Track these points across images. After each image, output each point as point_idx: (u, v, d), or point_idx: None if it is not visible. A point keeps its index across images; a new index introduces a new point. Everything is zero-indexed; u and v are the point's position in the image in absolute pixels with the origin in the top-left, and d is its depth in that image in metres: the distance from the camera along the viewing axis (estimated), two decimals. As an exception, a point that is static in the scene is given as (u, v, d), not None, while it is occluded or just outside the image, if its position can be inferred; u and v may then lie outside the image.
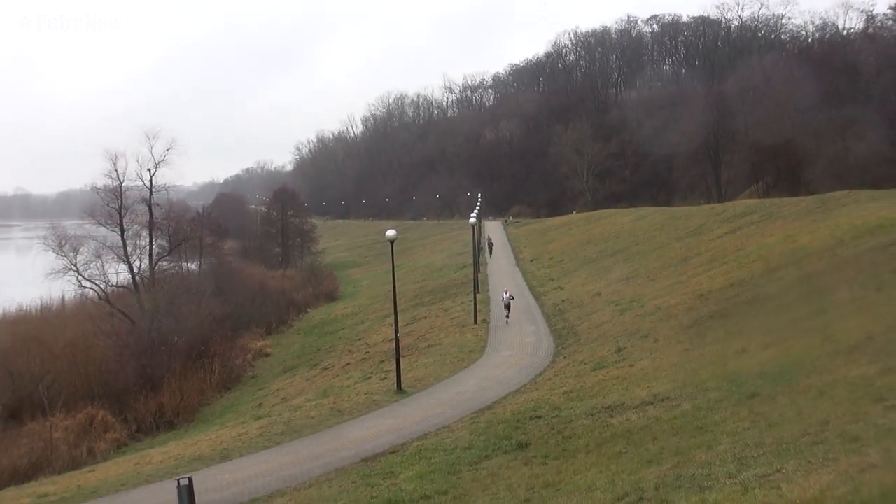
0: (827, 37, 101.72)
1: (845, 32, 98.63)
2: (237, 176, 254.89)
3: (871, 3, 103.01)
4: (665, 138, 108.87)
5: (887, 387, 14.77)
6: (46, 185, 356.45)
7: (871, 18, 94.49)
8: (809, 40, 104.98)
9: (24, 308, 63.46)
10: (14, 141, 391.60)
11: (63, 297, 64.33)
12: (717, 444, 14.97)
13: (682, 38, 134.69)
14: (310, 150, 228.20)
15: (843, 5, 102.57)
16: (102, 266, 58.48)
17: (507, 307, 43.73)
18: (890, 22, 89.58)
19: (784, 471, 11.06)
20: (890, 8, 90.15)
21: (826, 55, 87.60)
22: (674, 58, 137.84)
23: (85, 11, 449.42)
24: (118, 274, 59.88)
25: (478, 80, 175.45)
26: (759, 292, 32.09)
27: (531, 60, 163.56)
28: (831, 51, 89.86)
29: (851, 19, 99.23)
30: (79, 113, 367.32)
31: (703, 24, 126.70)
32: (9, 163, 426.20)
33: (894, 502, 7.73)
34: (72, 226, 64.94)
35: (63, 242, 57.64)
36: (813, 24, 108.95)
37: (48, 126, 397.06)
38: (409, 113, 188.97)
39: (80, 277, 57.02)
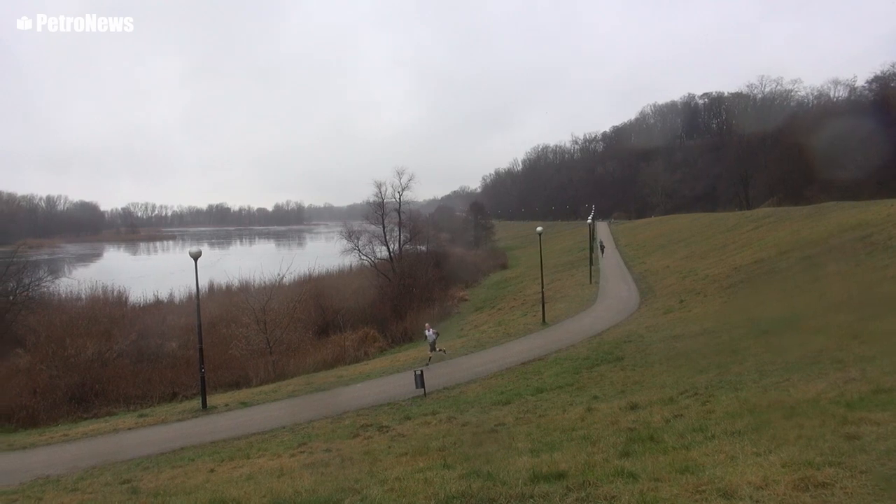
0: (822, 102, 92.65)
1: (836, 100, 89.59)
2: (448, 195, 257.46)
3: (853, 79, 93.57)
4: (712, 169, 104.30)
5: (862, 329, 13.86)
6: (341, 199, 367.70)
7: (853, 90, 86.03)
8: (810, 106, 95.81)
9: (329, 270, 66.66)
10: (328, 172, 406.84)
11: (350, 265, 67.11)
12: (745, 361, 14.31)
13: (724, 106, 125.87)
14: (491, 179, 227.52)
15: (833, 81, 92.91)
16: (372, 247, 60.70)
17: (433, 347, 24.77)
18: (867, 92, 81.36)
19: (791, 380, 10.52)
20: (867, 82, 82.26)
21: (820, 116, 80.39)
22: (718, 119, 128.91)
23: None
24: (381, 252, 62.07)
25: (592, 135, 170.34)
26: (774, 267, 30.20)
27: (625, 122, 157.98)
28: (825, 112, 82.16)
29: (840, 90, 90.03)
30: (366, 154, 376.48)
31: (738, 98, 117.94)
32: (322, 186, 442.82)
33: (868, 403, 7.25)
34: (356, 224, 67.38)
35: (351, 234, 60.25)
36: (812, 94, 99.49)
37: (345, 162, 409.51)
38: (550, 156, 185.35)
39: (360, 253, 59.50)
